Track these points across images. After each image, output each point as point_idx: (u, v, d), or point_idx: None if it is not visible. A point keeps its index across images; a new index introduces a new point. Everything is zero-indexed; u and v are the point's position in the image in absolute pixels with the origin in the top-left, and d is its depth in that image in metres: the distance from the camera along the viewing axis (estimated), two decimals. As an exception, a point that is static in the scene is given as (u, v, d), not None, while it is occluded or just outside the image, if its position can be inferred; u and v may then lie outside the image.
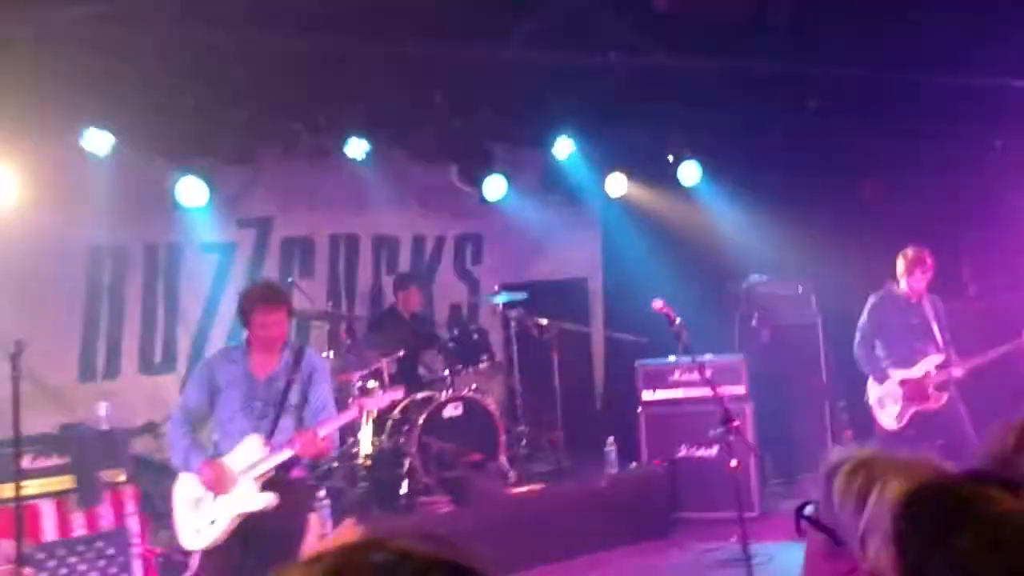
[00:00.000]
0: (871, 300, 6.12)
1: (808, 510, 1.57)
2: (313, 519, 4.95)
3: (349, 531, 1.58)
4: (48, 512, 5.32)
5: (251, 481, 4.19)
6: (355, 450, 6.39)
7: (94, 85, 5.63)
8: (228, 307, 7.13)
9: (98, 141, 6.05)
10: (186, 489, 4.30)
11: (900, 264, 5.99)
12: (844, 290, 6.81)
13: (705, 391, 6.72)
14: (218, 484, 4.17)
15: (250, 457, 4.21)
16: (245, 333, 4.46)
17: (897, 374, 5.95)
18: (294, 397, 4.31)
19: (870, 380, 6.12)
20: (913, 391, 5.89)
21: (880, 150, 7.46)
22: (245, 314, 4.36)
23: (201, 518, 4.23)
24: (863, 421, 6.45)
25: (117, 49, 5.37)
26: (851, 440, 7.16)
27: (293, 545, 4.26)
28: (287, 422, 4.28)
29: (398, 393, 4.88)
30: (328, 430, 4.33)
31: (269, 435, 4.23)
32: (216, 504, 4.20)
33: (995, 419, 1.82)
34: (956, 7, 5.71)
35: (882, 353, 6.04)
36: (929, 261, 5.92)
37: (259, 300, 4.33)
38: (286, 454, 4.19)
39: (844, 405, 7.42)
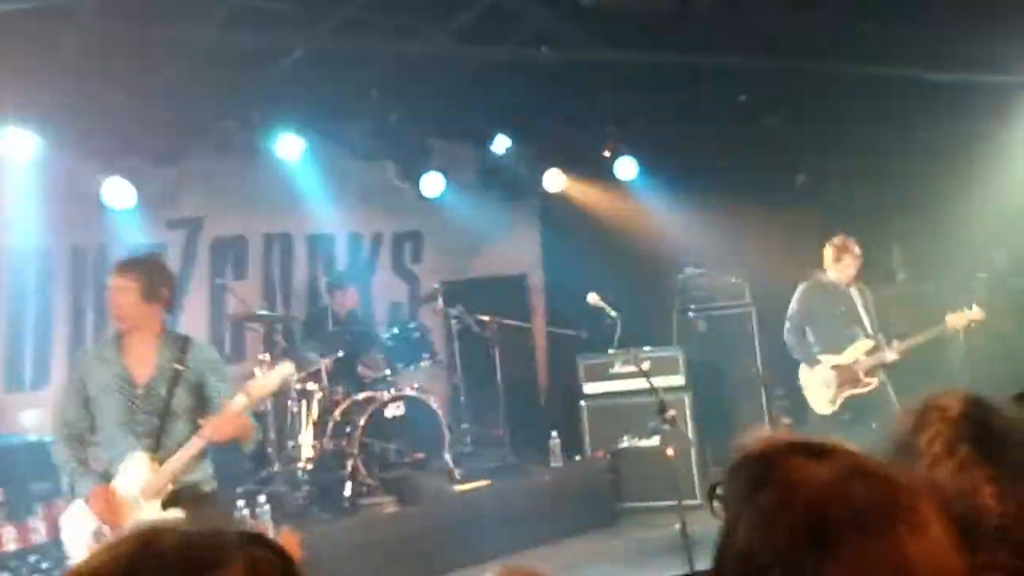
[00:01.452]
0: (800, 288, 6.27)
1: (718, 488, 1.60)
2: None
3: (286, 540, 1.50)
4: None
5: (150, 502, 3.70)
6: (296, 453, 6.29)
7: (17, 83, 5.44)
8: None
9: (21, 141, 5.85)
10: (79, 519, 3.72)
11: (828, 253, 6.14)
12: (777, 280, 6.95)
13: (642, 382, 6.85)
14: (110, 513, 3.65)
15: (140, 476, 3.72)
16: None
17: (828, 359, 6.10)
18: (183, 399, 3.82)
19: (802, 366, 6.26)
20: (844, 376, 6.05)
21: (810, 140, 7.63)
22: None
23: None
24: (799, 407, 6.60)
25: (40, 46, 5.19)
26: (788, 426, 7.32)
27: None
28: (178, 427, 3.80)
29: (287, 369, 4.06)
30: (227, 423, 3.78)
31: (157, 447, 3.75)
32: (115, 532, 3.60)
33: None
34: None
35: (813, 340, 6.19)
36: (856, 249, 6.09)
37: (113, 267, 3.92)
38: (185, 455, 3.72)
39: (781, 392, 7.58)
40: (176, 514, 3.66)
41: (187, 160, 6.70)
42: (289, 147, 6.91)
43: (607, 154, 7.87)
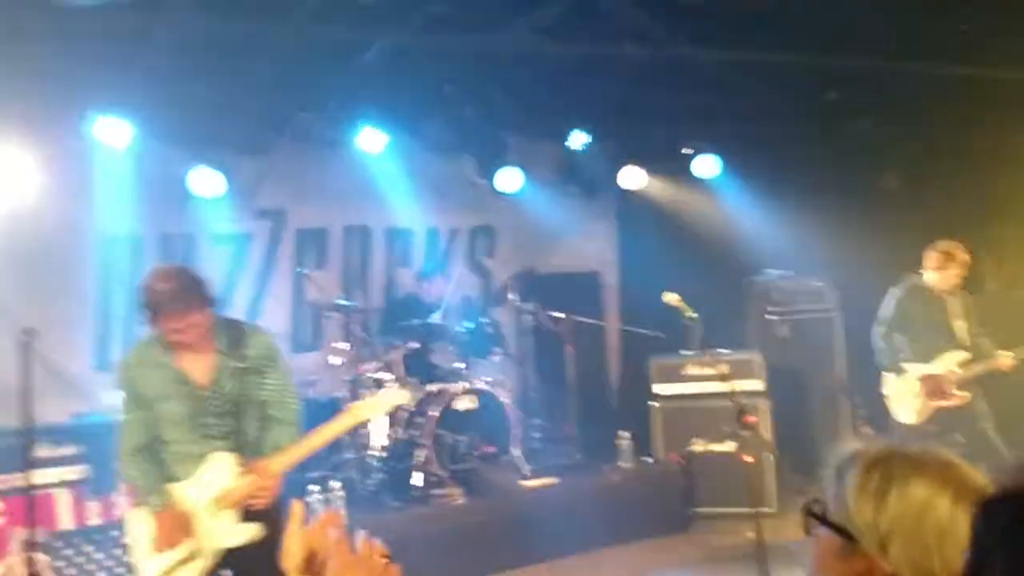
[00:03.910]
0: (895, 292, 6.01)
1: (817, 508, 1.51)
2: (294, 506, 4.22)
3: (333, 520, 1.47)
4: (63, 501, 5.32)
5: (224, 512, 3.52)
6: (368, 441, 6.36)
7: (111, 75, 5.63)
8: (243, 298, 7.16)
9: (115, 131, 6.07)
10: (142, 528, 3.54)
11: (931, 257, 5.88)
12: (862, 284, 6.72)
13: (720, 386, 6.70)
14: (175, 536, 3.44)
15: (221, 482, 3.53)
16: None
17: (918, 368, 5.86)
18: (252, 395, 3.59)
19: (888, 374, 6.03)
20: (934, 387, 5.80)
21: (901, 142, 7.35)
22: (150, 317, 3.47)
23: (170, 556, 3.49)
24: (882, 416, 6.36)
25: (133, 39, 5.36)
26: (870, 436, 7.08)
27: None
28: (252, 427, 3.62)
29: (402, 396, 4.07)
30: (309, 450, 3.63)
31: (236, 449, 3.56)
32: (182, 546, 3.49)
33: (1018, 419, 1.76)
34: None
35: (904, 346, 5.95)
36: (963, 256, 5.82)
37: (161, 305, 3.41)
38: (278, 465, 3.54)
39: (862, 400, 7.33)
40: (249, 530, 3.52)
41: (272, 151, 6.84)
42: (370, 141, 7.01)
43: (688, 151, 7.73)
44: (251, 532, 3.51)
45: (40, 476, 5.09)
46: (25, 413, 4.95)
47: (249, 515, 3.52)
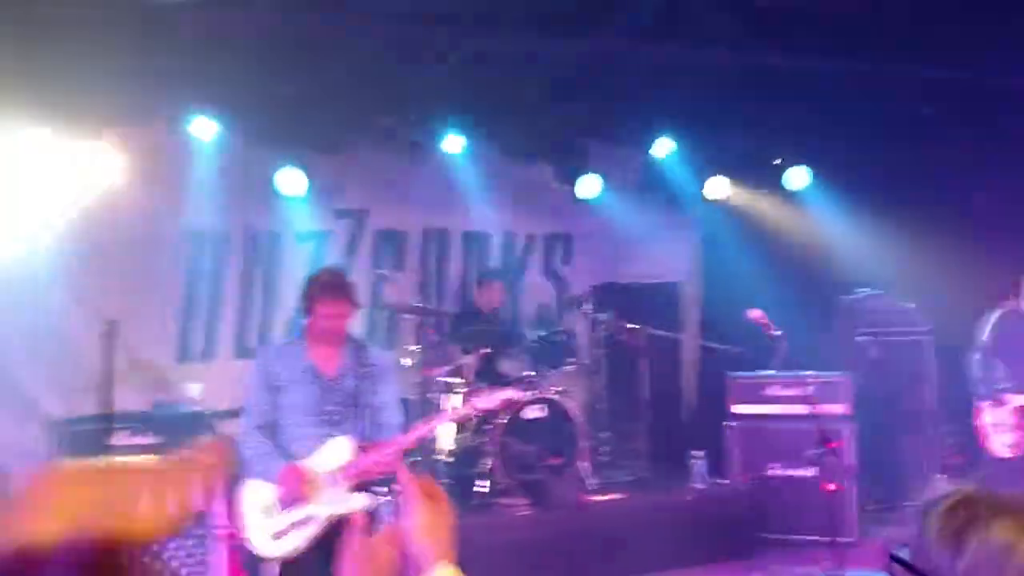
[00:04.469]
0: (994, 316, 5.67)
1: (902, 552, 1.43)
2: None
3: (391, 535, 1.48)
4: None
5: (338, 484, 3.92)
6: (435, 445, 6.34)
7: (199, 72, 5.77)
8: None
9: (203, 128, 6.23)
10: (257, 495, 3.94)
11: None
12: (954, 307, 6.37)
13: (802, 407, 6.43)
14: (301, 490, 3.86)
15: (338, 459, 3.93)
16: (304, 323, 4.15)
17: (1016, 399, 5.51)
18: (368, 397, 4.06)
19: (984, 403, 5.69)
20: (1031, 419, 5.45)
21: (997, 160, 6.94)
22: (309, 301, 4.03)
23: (277, 523, 3.89)
24: (971, 446, 6.01)
25: (221, 37, 5.48)
26: (959, 466, 6.70)
27: None
28: (364, 420, 4.05)
29: (515, 393, 4.65)
30: (422, 433, 4.19)
31: (356, 437, 3.98)
32: (300, 508, 3.89)
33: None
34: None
35: (1001, 375, 5.60)
36: None
37: (323, 289, 4.00)
38: (396, 447, 3.99)
39: (951, 429, 6.93)
40: (362, 499, 3.88)
41: (352, 152, 6.91)
42: (450, 144, 7.01)
43: (776, 162, 7.48)
44: (364, 501, 3.88)
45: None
46: (105, 400, 5.12)
47: (355, 487, 3.91)
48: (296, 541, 3.86)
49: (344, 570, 1.80)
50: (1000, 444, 5.60)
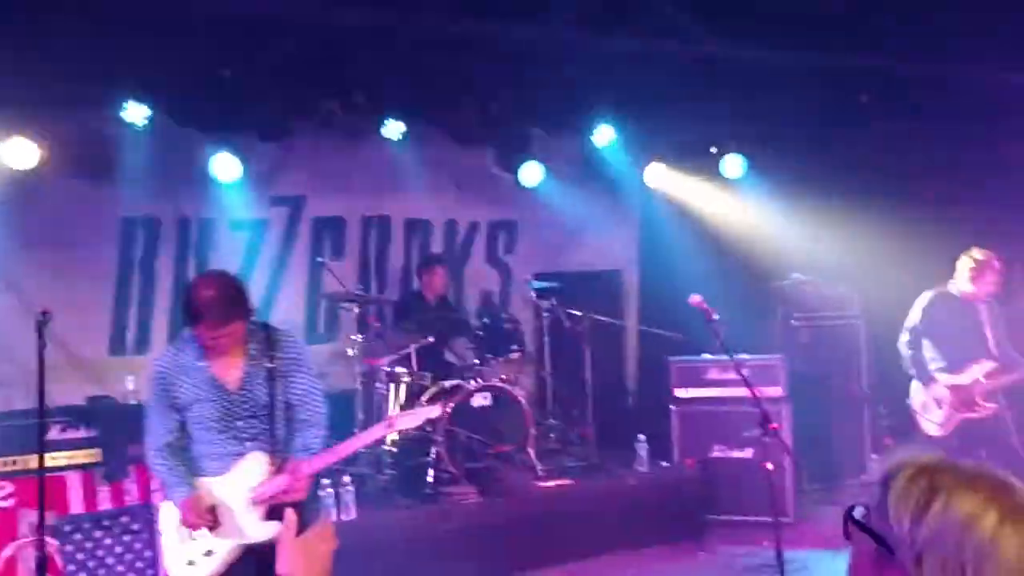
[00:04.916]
0: (924, 299, 5.88)
1: (858, 512, 1.44)
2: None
3: (325, 531, 1.47)
4: (74, 485, 5.27)
5: (250, 507, 3.61)
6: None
7: (132, 57, 5.57)
8: (258, 285, 7.08)
9: (135, 113, 6.00)
10: (172, 518, 3.67)
11: (965, 265, 5.75)
12: (888, 291, 6.59)
13: (741, 390, 6.56)
14: (201, 522, 3.57)
15: (251, 479, 3.62)
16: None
17: (945, 379, 5.73)
18: (282, 398, 3.68)
19: (914, 383, 5.90)
20: (960, 398, 5.67)
21: (931, 148, 7.20)
22: (190, 319, 3.53)
23: (194, 549, 3.62)
24: (904, 426, 6.24)
25: (156, 21, 5.29)
26: (891, 446, 6.95)
27: None
28: (281, 428, 3.69)
29: (434, 412, 4.22)
30: (343, 454, 3.78)
31: (268, 454, 3.63)
32: (216, 536, 3.63)
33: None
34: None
35: (930, 356, 5.81)
36: (998, 265, 5.69)
37: (203, 313, 3.47)
38: (309, 469, 3.63)
39: (885, 410, 7.19)
40: (274, 527, 3.54)
41: (292, 138, 6.77)
42: (391, 130, 6.91)
43: (714, 150, 7.61)
44: (275, 530, 3.52)
45: (52, 459, 5.03)
46: (39, 395, 4.91)
47: (274, 514, 3.57)
48: (208, 569, 3.60)
49: (280, 566, 1.77)
50: (930, 424, 5.82)
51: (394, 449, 6.18)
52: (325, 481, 5.61)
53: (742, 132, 7.50)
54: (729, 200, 7.94)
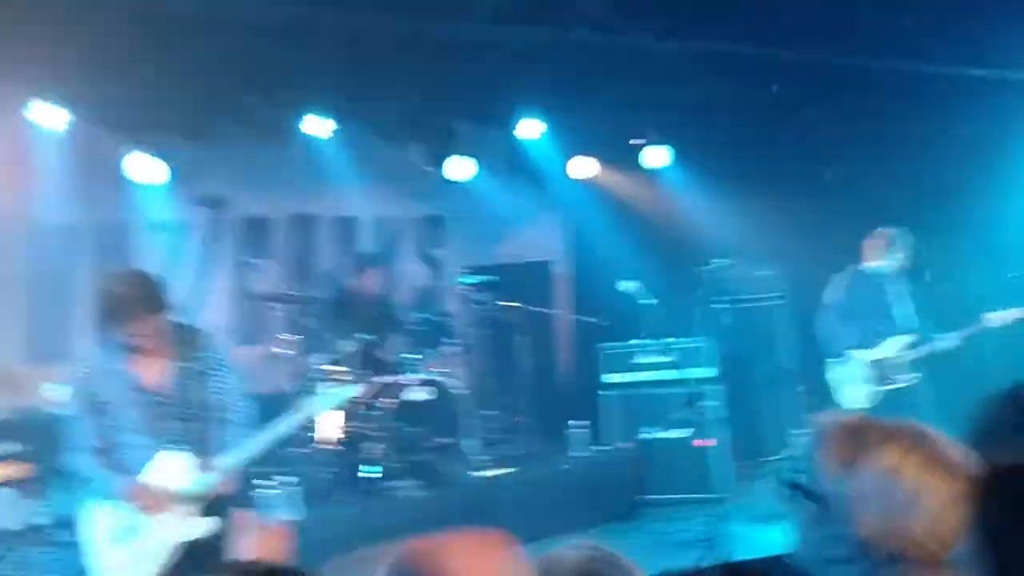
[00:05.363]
0: (839, 279, 6.14)
1: (795, 477, 1.54)
2: (243, 517, 3.90)
3: (277, 535, 1.49)
4: (6, 500, 5.09)
5: (187, 504, 3.57)
6: (321, 435, 6.23)
7: (45, 55, 5.38)
8: (181, 289, 6.92)
9: (50, 114, 5.81)
10: (107, 521, 3.55)
11: (875, 244, 6.03)
12: (809, 272, 6.86)
13: (669, 373, 6.79)
14: (151, 502, 3.50)
15: (180, 478, 3.56)
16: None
17: (863, 353, 6.00)
18: (207, 397, 3.64)
19: (833, 360, 6.16)
20: (880, 372, 5.95)
21: (844, 134, 7.51)
22: (113, 318, 3.47)
23: (136, 549, 3.52)
24: (828, 403, 6.51)
25: (69, 17, 5.13)
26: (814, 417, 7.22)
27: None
28: (210, 428, 3.65)
29: (349, 390, 4.31)
30: (263, 443, 3.69)
31: (196, 452, 3.58)
32: (152, 534, 3.54)
33: (962, 401, 1.81)
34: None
35: (849, 332, 6.07)
36: (904, 242, 6.00)
37: (133, 307, 3.43)
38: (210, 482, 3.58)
39: (808, 387, 7.48)
40: (205, 524, 3.57)
41: (213, 137, 6.63)
42: (316, 127, 6.85)
43: (637, 142, 7.77)
44: (206, 526, 3.58)
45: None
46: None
47: (204, 510, 3.59)
48: (155, 566, 3.52)
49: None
50: (851, 398, 6.08)
51: (336, 447, 6.15)
52: (267, 483, 5.55)
53: (665, 122, 7.68)
54: (654, 189, 8.12)
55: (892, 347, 5.95)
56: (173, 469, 3.58)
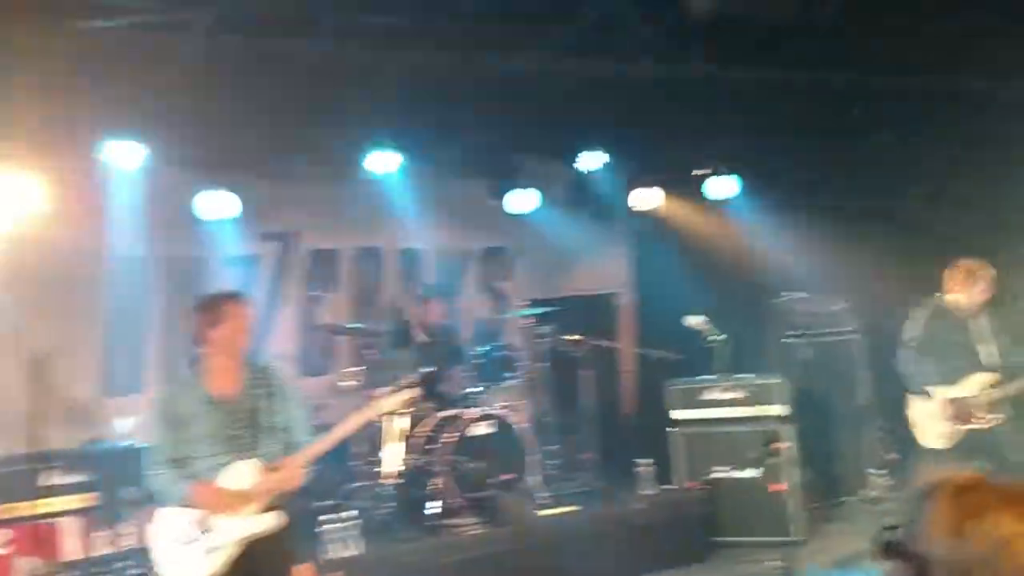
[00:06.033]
0: (920, 313, 5.86)
1: (889, 536, 1.41)
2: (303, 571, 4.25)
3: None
4: (71, 530, 5.19)
5: (249, 503, 3.85)
6: (381, 468, 6.21)
7: (122, 96, 5.56)
8: (252, 322, 7.03)
9: (127, 153, 6.00)
10: (170, 525, 3.85)
11: (956, 276, 5.75)
12: (884, 306, 6.60)
13: (741, 410, 6.57)
14: (219, 503, 3.80)
15: (246, 480, 3.85)
16: (197, 353, 4.04)
17: (945, 391, 5.71)
18: (271, 417, 3.95)
19: (913, 397, 5.88)
20: (961, 410, 5.65)
21: (920, 160, 7.25)
22: (211, 315, 3.93)
23: (196, 551, 3.79)
24: (908, 441, 6.21)
25: (145, 61, 5.30)
26: (895, 461, 6.92)
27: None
28: (272, 442, 3.93)
29: (409, 393, 4.44)
30: (333, 441, 4.05)
31: (265, 460, 3.89)
32: (214, 531, 3.81)
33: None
34: (1007, 13, 5.53)
35: (930, 369, 5.79)
36: (989, 273, 5.71)
37: (228, 298, 4.03)
38: (277, 480, 3.88)
39: (887, 425, 7.17)
40: (271, 518, 3.87)
41: (283, 173, 6.76)
42: (382, 162, 6.93)
43: (703, 172, 7.64)
44: (273, 521, 3.87)
45: (48, 504, 4.97)
46: (33, 439, 4.85)
47: (267, 507, 3.88)
48: (215, 564, 3.79)
49: None
50: (930, 437, 5.79)
51: (397, 481, 6.12)
52: (328, 517, 5.55)
53: (731, 152, 7.54)
54: (721, 220, 7.96)
55: (975, 385, 5.65)
56: (242, 474, 3.84)
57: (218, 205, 6.65)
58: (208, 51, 5.29)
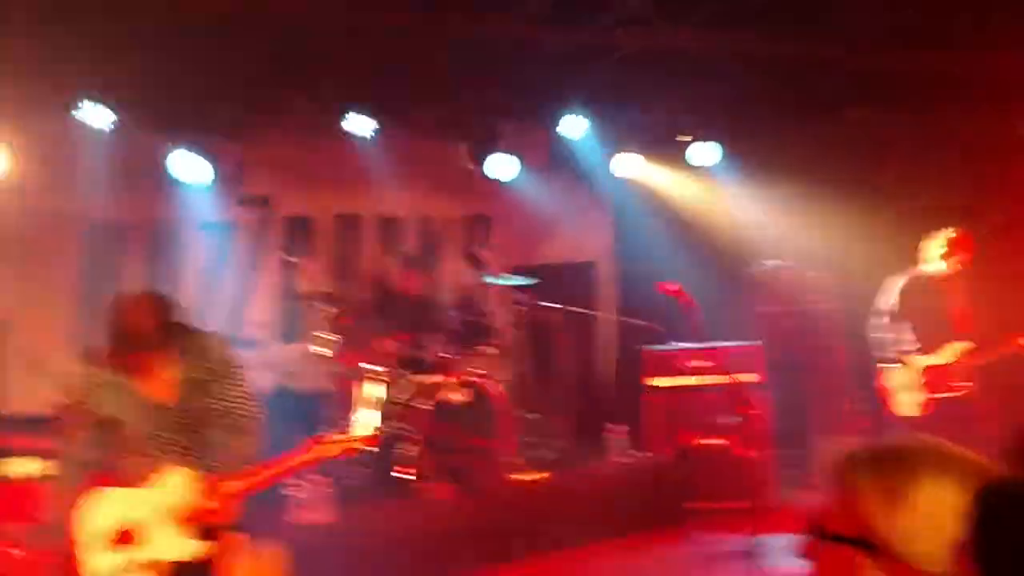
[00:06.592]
0: (897, 282, 5.88)
1: (820, 527, 1.39)
2: (233, 541, 3.56)
3: (274, 560, 1.42)
4: (41, 493, 5.16)
5: (177, 524, 3.38)
6: (357, 435, 6.20)
7: (93, 58, 5.49)
8: (228, 288, 7.00)
9: (97, 115, 5.91)
10: (103, 525, 3.35)
11: (936, 245, 5.77)
12: (862, 276, 6.61)
13: (716, 377, 6.60)
14: (151, 518, 3.33)
15: (175, 495, 3.38)
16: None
17: (920, 359, 5.75)
18: (214, 404, 3.48)
19: (888, 365, 5.92)
20: (936, 378, 5.69)
21: (901, 133, 7.24)
22: (121, 344, 3.30)
23: (126, 561, 3.33)
24: (878, 409, 6.26)
25: (116, 21, 5.20)
26: (867, 428, 6.97)
27: None
28: (215, 439, 3.48)
29: (359, 445, 3.89)
30: (268, 478, 3.45)
31: (196, 466, 3.42)
32: (144, 549, 3.35)
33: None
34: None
35: (905, 338, 5.82)
36: (965, 244, 5.72)
37: (134, 343, 3.28)
38: (233, 490, 3.39)
39: (861, 394, 7.21)
40: (196, 546, 3.37)
41: (258, 137, 6.69)
42: (360, 127, 6.85)
43: (684, 138, 7.60)
44: (198, 549, 3.37)
45: (17, 466, 4.94)
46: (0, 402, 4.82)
47: (199, 532, 3.39)
48: None
49: None
50: (905, 405, 5.83)
51: (371, 448, 6.11)
52: (300, 481, 5.54)
53: (713, 120, 7.49)
54: (703, 188, 7.93)
55: (950, 353, 5.68)
56: (174, 485, 3.41)
57: (193, 168, 6.58)
58: (180, 10, 5.19)
